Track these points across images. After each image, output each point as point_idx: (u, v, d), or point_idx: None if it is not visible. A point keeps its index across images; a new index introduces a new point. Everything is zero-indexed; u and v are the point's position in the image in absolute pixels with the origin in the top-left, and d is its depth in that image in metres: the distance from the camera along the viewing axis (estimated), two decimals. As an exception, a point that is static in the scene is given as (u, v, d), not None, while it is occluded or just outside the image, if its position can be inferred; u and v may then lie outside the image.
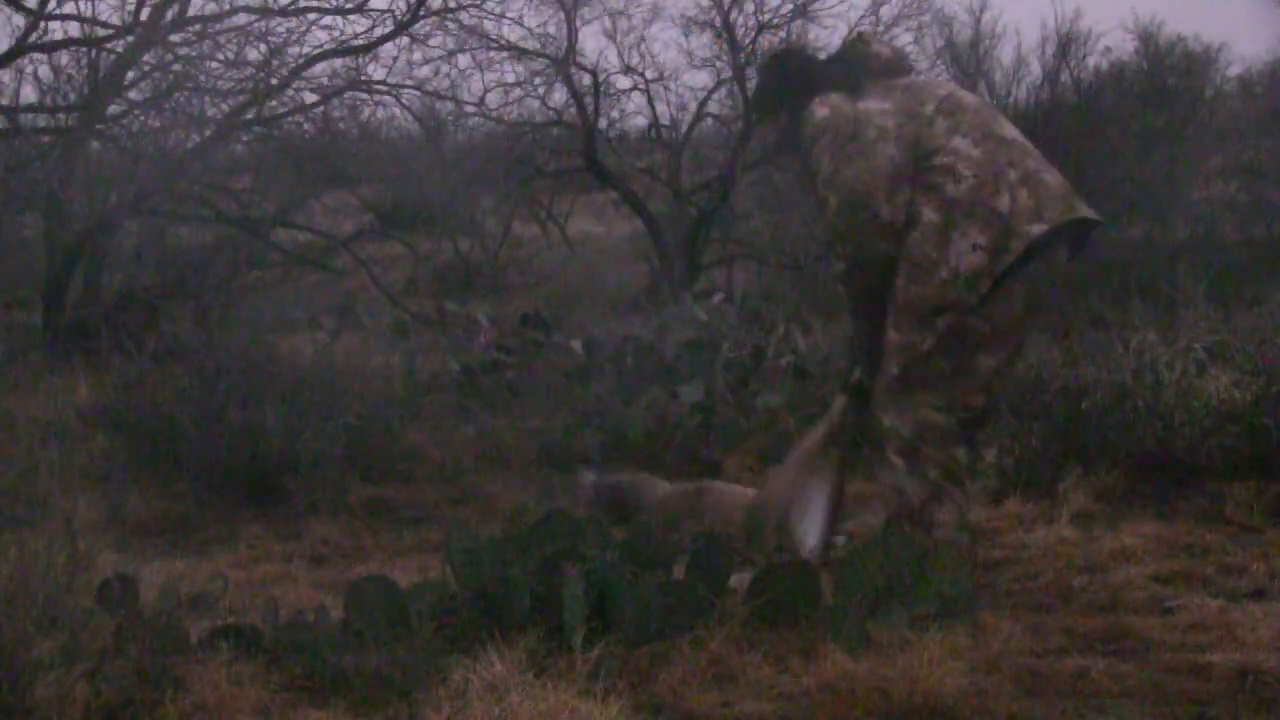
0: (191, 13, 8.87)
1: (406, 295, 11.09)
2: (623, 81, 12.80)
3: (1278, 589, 3.95)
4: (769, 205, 12.12)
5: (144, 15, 8.78)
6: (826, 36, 12.36)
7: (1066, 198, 3.91)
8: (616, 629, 3.39)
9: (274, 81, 9.15)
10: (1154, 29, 12.48)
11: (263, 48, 9.08)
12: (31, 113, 9.41)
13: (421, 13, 9.53)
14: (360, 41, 9.45)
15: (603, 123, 12.42)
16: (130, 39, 8.84)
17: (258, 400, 5.44)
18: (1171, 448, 5.00)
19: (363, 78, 9.90)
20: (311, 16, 9.16)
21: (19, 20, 8.80)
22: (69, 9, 8.90)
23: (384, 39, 9.53)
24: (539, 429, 6.25)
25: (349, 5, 9.25)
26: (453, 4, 9.85)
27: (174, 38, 8.89)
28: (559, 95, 12.20)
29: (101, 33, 8.94)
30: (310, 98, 9.66)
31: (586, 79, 12.09)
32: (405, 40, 9.70)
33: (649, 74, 12.90)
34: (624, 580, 3.47)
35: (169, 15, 8.75)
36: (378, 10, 9.42)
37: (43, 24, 8.84)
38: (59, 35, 9.02)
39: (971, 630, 3.51)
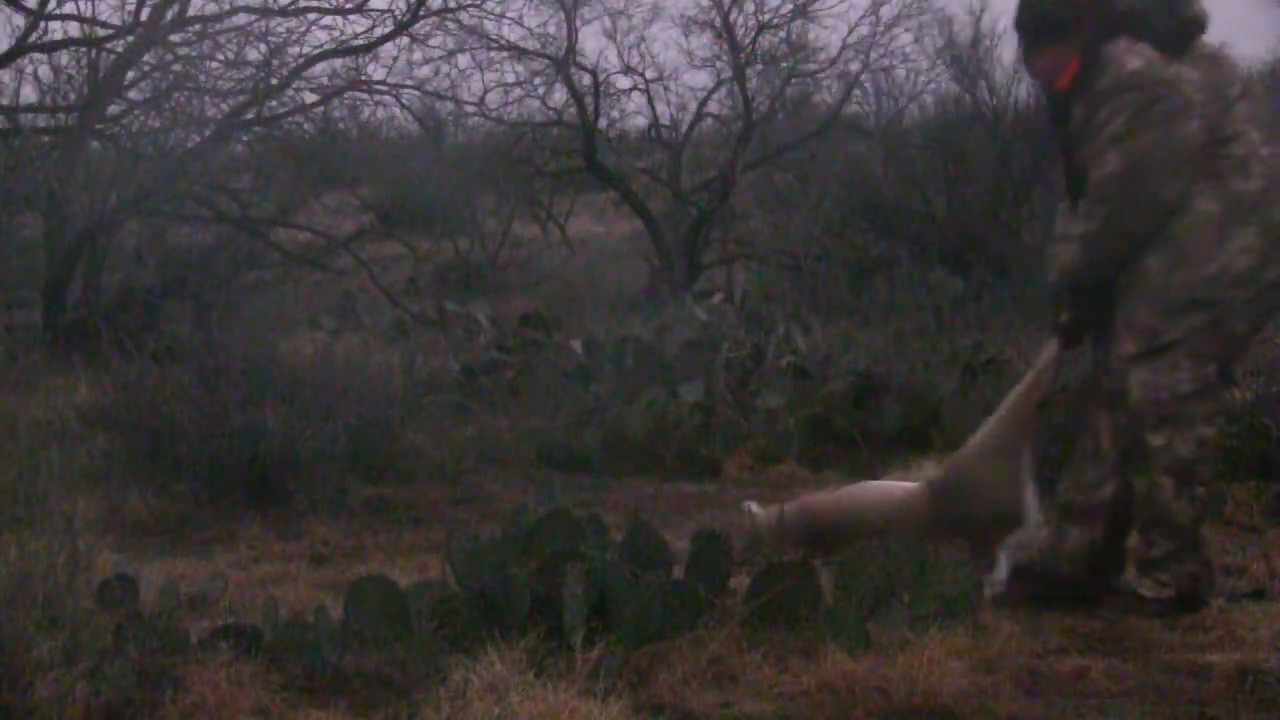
0: (191, 13, 8.90)
1: (406, 295, 11.08)
2: (623, 81, 12.85)
3: (1278, 589, 3.95)
4: (769, 205, 12.12)
5: (144, 15, 8.80)
6: (826, 36, 12.38)
7: None
8: (616, 629, 3.39)
9: (274, 81, 9.16)
10: (1154, 29, 12.43)
11: (263, 48, 9.12)
12: (31, 113, 9.42)
13: (421, 13, 9.55)
14: (360, 41, 9.47)
15: (603, 123, 12.43)
16: (130, 39, 8.85)
17: (258, 400, 5.43)
18: (1172, 448, 4.98)
19: (363, 78, 9.93)
20: (311, 16, 9.20)
21: (19, 20, 8.83)
22: (69, 9, 8.94)
23: (384, 39, 9.54)
24: (539, 429, 6.25)
25: (349, 5, 9.26)
26: (453, 4, 9.88)
27: (174, 38, 8.91)
28: (559, 95, 12.24)
29: (101, 33, 8.96)
30: (310, 98, 9.69)
31: (586, 79, 12.12)
32: (405, 40, 9.74)
33: (649, 74, 12.95)
34: (624, 580, 3.47)
35: (169, 15, 8.77)
36: (378, 10, 9.46)
37: (43, 24, 8.87)
38: (59, 35, 9.05)
39: (971, 630, 3.50)
